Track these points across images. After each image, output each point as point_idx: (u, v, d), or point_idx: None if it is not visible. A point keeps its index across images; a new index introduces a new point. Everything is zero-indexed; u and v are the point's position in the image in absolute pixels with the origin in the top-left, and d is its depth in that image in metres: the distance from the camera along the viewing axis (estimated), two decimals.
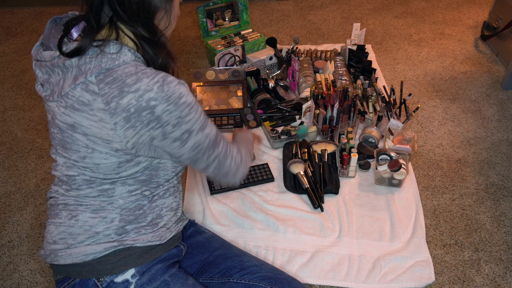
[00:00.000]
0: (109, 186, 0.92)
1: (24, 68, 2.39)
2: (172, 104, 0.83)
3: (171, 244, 1.02)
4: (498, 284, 1.23)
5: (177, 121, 0.85)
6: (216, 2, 2.18)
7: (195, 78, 1.99)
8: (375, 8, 2.86)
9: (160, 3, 0.85)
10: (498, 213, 1.44)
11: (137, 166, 0.91)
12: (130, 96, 0.80)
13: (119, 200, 0.93)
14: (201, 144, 0.91)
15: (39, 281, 1.31)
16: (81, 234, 0.92)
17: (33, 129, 1.93)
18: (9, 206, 1.56)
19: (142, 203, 0.96)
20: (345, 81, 1.91)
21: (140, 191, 0.95)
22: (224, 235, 1.34)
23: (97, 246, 0.91)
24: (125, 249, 0.93)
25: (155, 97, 0.81)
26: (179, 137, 0.87)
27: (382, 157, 1.51)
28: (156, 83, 0.81)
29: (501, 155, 1.66)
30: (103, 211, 0.92)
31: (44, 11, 3.05)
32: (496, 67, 2.19)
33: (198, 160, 0.94)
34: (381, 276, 1.24)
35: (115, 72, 0.81)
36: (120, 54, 0.82)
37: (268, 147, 1.71)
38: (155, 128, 0.84)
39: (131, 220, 0.94)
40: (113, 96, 0.81)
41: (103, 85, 0.81)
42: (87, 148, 0.86)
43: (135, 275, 0.93)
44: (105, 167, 0.88)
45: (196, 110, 0.87)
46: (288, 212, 1.43)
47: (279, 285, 1.00)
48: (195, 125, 0.88)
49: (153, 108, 0.81)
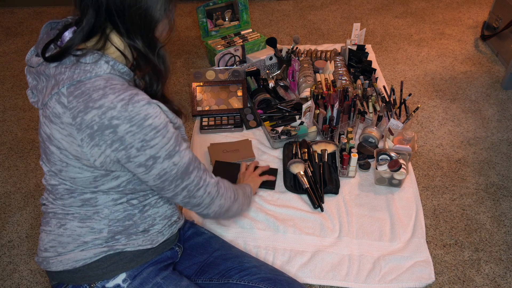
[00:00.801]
0: (90, 196, 0.89)
1: (24, 68, 2.39)
2: (136, 125, 0.78)
3: (164, 247, 1.01)
4: (498, 284, 1.23)
5: (141, 144, 0.79)
6: (216, 2, 2.18)
7: (195, 78, 1.99)
8: (375, 8, 2.86)
9: (161, 15, 0.81)
10: (498, 213, 1.44)
11: (116, 180, 0.87)
12: (94, 112, 0.76)
13: (104, 210, 0.90)
14: (167, 173, 0.86)
15: (39, 281, 1.31)
16: (70, 243, 0.91)
17: (33, 129, 1.93)
18: (9, 206, 1.56)
19: (132, 213, 0.93)
20: (345, 81, 1.91)
21: (126, 199, 0.92)
22: (224, 235, 1.34)
23: (86, 252, 0.90)
24: (115, 254, 0.92)
25: (117, 116, 0.76)
26: (143, 163, 0.82)
27: (382, 157, 1.51)
28: (120, 101, 0.77)
29: (501, 155, 1.66)
30: (90, 221, 0.90)
31: (44, 11, 3.05)
32: (496, 67, 2.19)
33: (164, 189, 0.89)
34: (381, 276, 1.24)
35: (85, 85, 0.78)
36: (94, 66, 0.79)
37: (268, 147, 1.71)
38: (119, 149, 0.80)
39: (121, 231, 0.92)
40: (79, 111, 0.77)
41: (72, 98, 0.78)
42: (62, 162, 0.84)
43: (126, 280, 0.92)
44: (81, 181, 0.86)
45: (163, 135, 0.82)
46: (288, 212, 1.43)
47: (278, 286, 0.99)
48: (161, 151, 0.82)
49: (115, 127, 0.77)
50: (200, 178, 0.93)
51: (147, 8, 0.78)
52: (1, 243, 1.43)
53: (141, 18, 0.79)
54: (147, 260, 0.96)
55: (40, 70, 0.83)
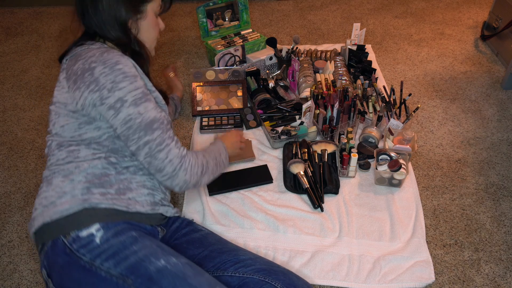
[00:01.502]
0: (74, 148, 1.01)
1: (24, 68, 2.39)
2: (108, 67, 0.96)
3: (142, 219, 1.03)
4: (498, 284, 1.23)
5: (111, 86, 0.95)
6: (216, 2, 2.18)
7: (195, 78, 1.99)
8: (375, 8, 2.86)
9: (128, 15, 1.05)
10: (498, 213, 1.44)
11: (98, 130, 1.01)
12: (80, 62, 0.98)
13: (84, 163, 1.00)
14: (132, 119, 0.97)
15: (39, 281, 1.31)
16: (53, 196, 0.98)
17: (33, 129, 1.93)
18: (9, 206, 1.56)
19: (108, 172, 1.02)
20: (345, 81, 1.91)
21: (105, 155, 1.02)
22: (224, 235, 1.34)
23: (64, 204, 0.95)
24: (91, 208, 0.96)
25: (95, 60, 0.96)
26: (113, 104, 0.96)
27: (382, 157, 1.51)
28: (99, 50, 0.99)
29: (501, 155, 1.66)
30: (71, 175, 0.99)
31: (44, 11, 3.05)
32: (496, 67, 2.19)
33: (129, 139, 0.99)
34: (381, 276, 1.24)
35: (79, 52, 1.01)
36: (92, 45, 1.03)
37: (268, 147, 1.71)
38: (94, 91, 0.96)
39: (96, 183, 0.99)
40: (70, 65, 1.00)
41: (68, 61, 1.02)
42: (55, 114, 1.03)
43: (99, 229, 0.94)
44: (68, 128, 1.01)
45: (131, 82, 0.97)
46: (288, 212, 1.43)
47: (273, 276, 0.99)
48: (128, 96, 0.97)
49: (93, 69, 0.96)
50: (163, 140, 1.01)
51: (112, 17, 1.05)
52: (1, 243, 1.43)
53: (114, 26, 1.05)
54: (122, 219, 0.99)
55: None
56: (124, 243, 0.93)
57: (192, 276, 0.92)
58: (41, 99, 2.12)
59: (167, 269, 0.91)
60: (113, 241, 0.93)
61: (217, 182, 1.53)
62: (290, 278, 1.01)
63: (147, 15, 1.09)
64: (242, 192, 1.51)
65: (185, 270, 0.93)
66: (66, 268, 0.91)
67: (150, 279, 0.89)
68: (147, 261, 0.91)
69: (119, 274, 0.90)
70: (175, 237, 1.13)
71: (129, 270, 0.90)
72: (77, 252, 0.91)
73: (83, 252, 0.91)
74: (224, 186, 1.52)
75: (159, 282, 0.89)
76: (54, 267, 0.93)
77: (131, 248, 0.93)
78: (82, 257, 0.91)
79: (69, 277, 0.91)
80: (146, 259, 0.92)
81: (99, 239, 0.93)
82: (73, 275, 0.91)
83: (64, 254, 0.92)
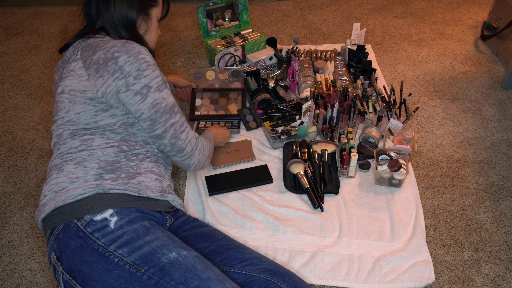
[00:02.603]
0: (89, 136, 1.06)
1: (24, 68, 2.39)
2: (132, 56, 1.02)
3: (152, 205, 1.06)
4: (498, 284, 1.23)
5: (137, 73, 1.02)
6: (216, 2, 2.18)
7: (195, 78, 1.99)
8: (375, 8, 2.86)
9: (138, 16, 1.14)
10: (498, 213, 1.44)
11: (113, 117, 1.07)
12: (100, 52, 1.03)
13: (97, 151, 1.04)
14: (159, 103, 1.06)
15: (39, 281, 1.31)
16: (65, 182, 1.01)
17: (33, 129, 1.93)
18: (9, 206, 1.56)
19: (119, 159, 1.06)
20: (345, 81, 1.91)
21: (118, 144, 1.07)
22: None
23: (77, 189, 0.98)
24: (103, 193, 0.99)
25: (118, 50, 1.02)
26: (139, 90, 1.03)
27: (382, 157, 1.51)
28: (120, 42, 1.05)
29: (501, 155, 1.66)
30: (84, 162, 1.03)
31: (44, 11, 3.05)
32: (496, 67, 2.19)
33: (156, 122, 1.07)
34: (381, 276, 1.24)
35: (93, 43, 1.07)
36: (103, 38, 1.10)
37: (268, 147, 1.71)
38: (119, 78, 1.01)
39: (108, 169, 1.04)
40: (88, 55, 1.05)
41: (84, 52, 1.07)
42: (70, 102, 1.06)
43: (113, 215, 0.97)
44: (84, 115, 1.05)
45: (153, 69, 1.05)
46: (288, 212, 1.43)
47: (279, 277, 1.01)
48: (153, 82, 1.05)
49: (116, 58, 1.01)
50: (183, 122, 1.14)
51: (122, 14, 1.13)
52: (1, 243, 1.43)
53: (125, 24, 1.14)
54: (133, 205, 1.01)
55: (62, 64, 1.15)
56: (138, 232, 0.95)
57: (202, 269, 0.93)
58: (41, 99, 2.12)
59: (178, 261, 0.93)
60: (127, 228, 0.95)
61: (217, 182, 1.54)
62: (295, 280, 1.02)
63: (151, 18, 1.20)
64: (242, 192, 1.51)
65: (195, 263, 0.94)
66: (79, 251, 0.93)
67: (162, 270, 0.91)
68: (160, 253, 0.93)
69: (132, 262, 0.92)
70: (184, 229, 1.16)
71: (142, 259, 0.92)
72: (91, 236, 0.93)
73: (98, 236, 0.93)
74: (224, 186, 1.52)
75: (171, 273, 0.91)
76: (66, 250, 0.94)
77: (144, 238, 0.95)
78: (96, 240, 0.93)
79: (81, 260, 0.92)
80: (159, 250, 0.94)
81: (113, 225, 0.95)
82: (85, 258, 0.92)
83: (77, 237, 0.93)
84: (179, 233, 1.15)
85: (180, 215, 1.20)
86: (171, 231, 1.15)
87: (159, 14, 1.24)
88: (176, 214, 1.19)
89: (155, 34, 1.24)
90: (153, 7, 1.20)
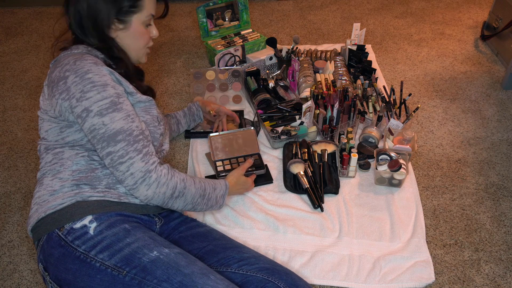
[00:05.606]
0: (59, 150, 1.05)
1: (24, 68, 2.39)
2: (79, 76, 0.96)
3: (137, 209, 1.05)
4: (498, 284, 1.23)
5: (80, 95, 0.96)
6: (216, 2, 2.18)
7: (195, 78, 1.99)
8: (375, 8, 2.86)
9: (108, 24, 1.05)
10: (498, 213, 1.44)
11: (79, 132, 1.03)
12: (58, 69, 0.99)
13: (67, 161, 1.04)
14: (96, 130, 0.97)
15: (39, 281, 1.31)
16: (45, 194, 1.02)
17: (33, 129, 1.93)
18: (9, 206, 1.56)
19: (94, 167, 1.04)
20: (345, 81, 1.91)
21: (87, 154, 1.05)
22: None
23: (57, 199, 0.99)
24: (83, 201, 0.99)
25: (69, 69, 0.97)
26: (80, 114, 0.97)
27: (382, 157, 1.51)
28: (74, 57, 0.99)
29: (501, 155, 1.66)
30: (58, 174, 1.04)
31: (44, 11, 3.05)
32: (496, 67, 2.19)
33: (95, 147, 1.01)
34: (381, 276, 1.24)
35: (59, 59, 1.03)
36: (74, 49, 1.05)
37: (268, 147, 1.71)
38: (65, 99, 0.98)
39: (84, 180, 1.02)
40: (50, 72, 1.02)
41: (51, 67, 1.03)
42: (41, 120, 1.07)
43: (92, 221, 0.97)
44: (52, 132, 1.05)
45: (98, 91, 0.96)
46: (288, 212, 1.43)
47: (276, 275, 1.01)
48: (94, 106, 0.96)
49: (66, 78, 0.97)
50: (126, 153, 0.98)
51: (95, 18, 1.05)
52: (1, 243, 1.43)
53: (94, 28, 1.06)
54: (114, 210, 1.01)
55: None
56: (118, 236, 0.95)
57: (185, 265, 0.93)
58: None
59: (160, 259, 0.93)
60: (107, 233, 0.95)
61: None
62: (292, 278, 1.02)
63: (131, 26, 1.09)
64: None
65: (178, 259, 0.94)
66: (62, 260, 0.94)
67: (144, 270, 0.91)
68: (140, 253, 0.93)
69: (113, 265, 0.92)
70: (181, 230, 1.15)
71: (123, 261, 0.92)
72: (72, 244, 0.94)
73: (78, 244, 0.94)
74: None
75: (153, 272, 0.91)
76: (50, 259, 0.95)
77: (124, 241, 0.95)
78: (77, 248, 0.94)
79: (65, 268, 0.93)
80: (139, 251, 0.94)
81: (93, 231, 0.95)
82: (69, 266, 0.93)
83: (59, 246, 0.94)
84: (175, 234, 1.14)
85: (176, 216, 1.19)
86: (167, 233, 1.14)
87: (145, 18, 1.10)
88: (170, 216, 1.18)
89: (140, 40, 1.12)
90: (133, 13, 1.07)
